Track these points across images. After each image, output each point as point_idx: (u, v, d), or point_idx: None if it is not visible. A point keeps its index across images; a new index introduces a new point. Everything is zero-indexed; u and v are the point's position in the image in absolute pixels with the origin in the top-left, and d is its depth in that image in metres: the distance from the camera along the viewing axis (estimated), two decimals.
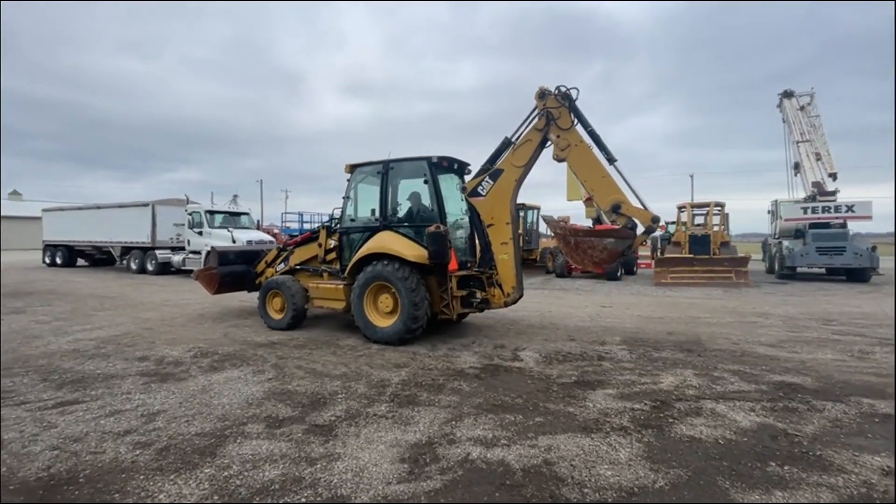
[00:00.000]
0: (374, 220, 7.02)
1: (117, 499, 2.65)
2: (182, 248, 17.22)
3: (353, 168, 7.29)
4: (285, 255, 8.30)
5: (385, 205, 6.90)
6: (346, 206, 7.28)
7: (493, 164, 6.37)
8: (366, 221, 7.19)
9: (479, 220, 6.46)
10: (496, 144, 6.41)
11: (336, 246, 7.45)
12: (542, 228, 19.93)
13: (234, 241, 15.41)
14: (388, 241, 6.59)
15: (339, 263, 7.34)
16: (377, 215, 6.99)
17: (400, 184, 7.12)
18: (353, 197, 7.30)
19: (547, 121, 6.03)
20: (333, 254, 7.53)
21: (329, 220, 7.89)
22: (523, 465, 3.01)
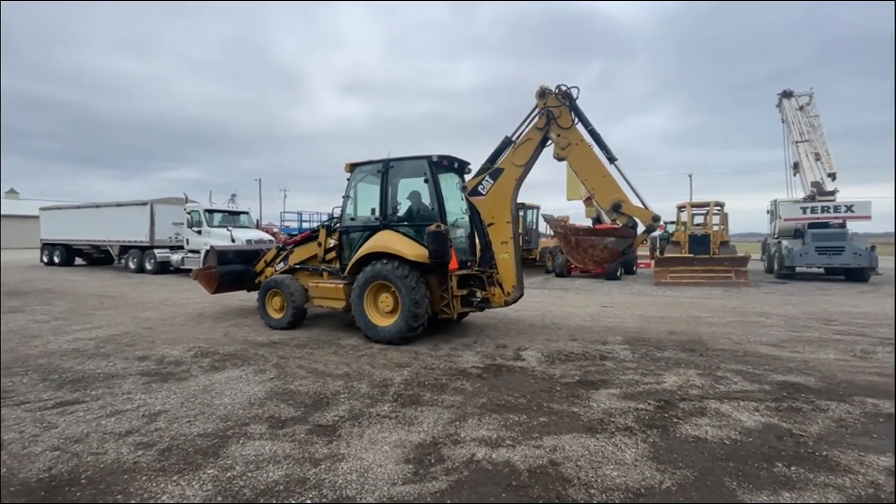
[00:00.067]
0: (374, 220, 7.00)
1: (120, 500, 2.62)
2: (181, 247, 17.16)
3: (353, 167, 7.26)
4: (285, 254, 8.27)
5: (385, 204, 6.88)
6: (346, 205, 7.25)
7: (494, 163, 6.35)
8: (366, 220, 7.16)
9: (479, 220, 6.44)
10: (496, 144, 6.40)
11: (336, 245, 7.43)
12: (542, 228, 19.93)
13: (233, 241, 15.33)
14: (388, 241, 6.57)
15: (339, 263, 7.31)
16: (377, 214, 6.96)
17: (400, 183, 7.10)
18: (353, 196, 7.27)
19: (547, 120, 6.02)
20: (333, 253, 7.50)
21: (329, 220, 7.85)
22: (529, 466, 2.99)
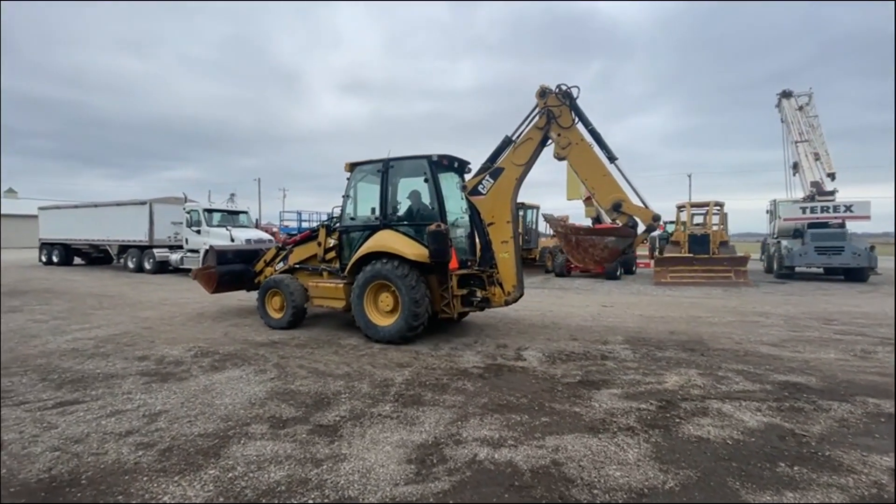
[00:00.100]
0: (374, 219, 6.99)
1: (121, 501, 2.61)
2: (180, 247, 17.12)
3: (352, 166, 7.24)
4: (284, 253, 8.25)
5: (385, 203, 6.87)
6: (346, 204, 7.24)
7: (494, 163, 6.34)
8: (366, 220, 7.15)
9: (479, 219, 6.43)
10: (496, 144, 6.39)
11: (336, 245, 7.41)
12: (542, 227, 19.92)
13: (232, 240, 15.29)
14: (388, 240, 6.55)
15: (339, 262, 7.30)
16: (377, 214, 6.95)
17: (400, 182, 7.09)
18: (353, 195, 7.26)
19: (548, 119, 6.01)
20: (333, 252, 7.49)
21: (328, 219, 7.82)
22: (531, 466, 2.98)
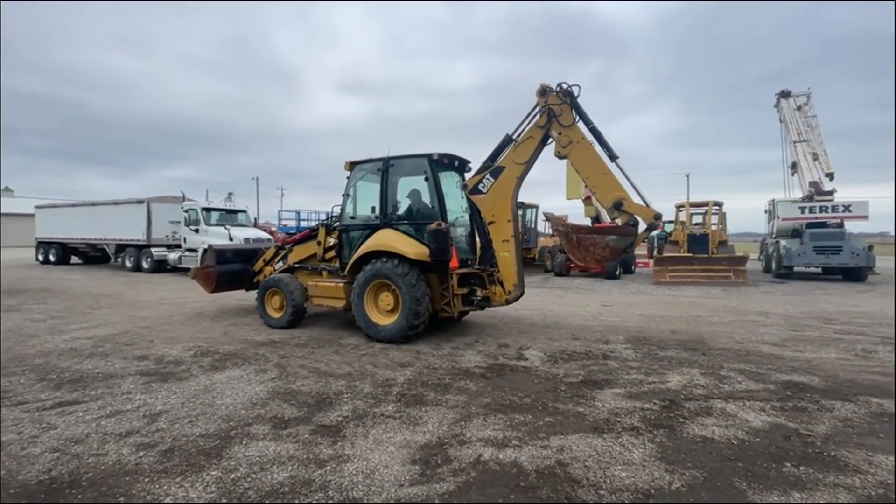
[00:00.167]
0: (374, 218, 6.96)
1: (122, 502, 2.58)
2: (178, 246, 17.06)
3: (352, 165, 7.21)
4: (284, 253, 8.21)
5: (385, 202, 6.84)
6: (346, 203, 7.21)
7: (494, 162, 6.32)
8: (366, 219, 7.12)
9: (479, 218, 6.41)
10: (495, 143, 6.37)
11: (335, 244, 7.38)
12: (541, 227, 19.91)
13: (231, 239, 15.24)
14: (388, 239, 6.53)
15: (339, 261, 7.26)
16: (377, 213, 6.92)
17: (400, 181, 7.06)
18: (353, 194, 7.23)
19: (548, 118, 5.99)
20: (333, 252, 7.46)
21: (328, 218, 7.79)
22: (536, 467, 2.96)
